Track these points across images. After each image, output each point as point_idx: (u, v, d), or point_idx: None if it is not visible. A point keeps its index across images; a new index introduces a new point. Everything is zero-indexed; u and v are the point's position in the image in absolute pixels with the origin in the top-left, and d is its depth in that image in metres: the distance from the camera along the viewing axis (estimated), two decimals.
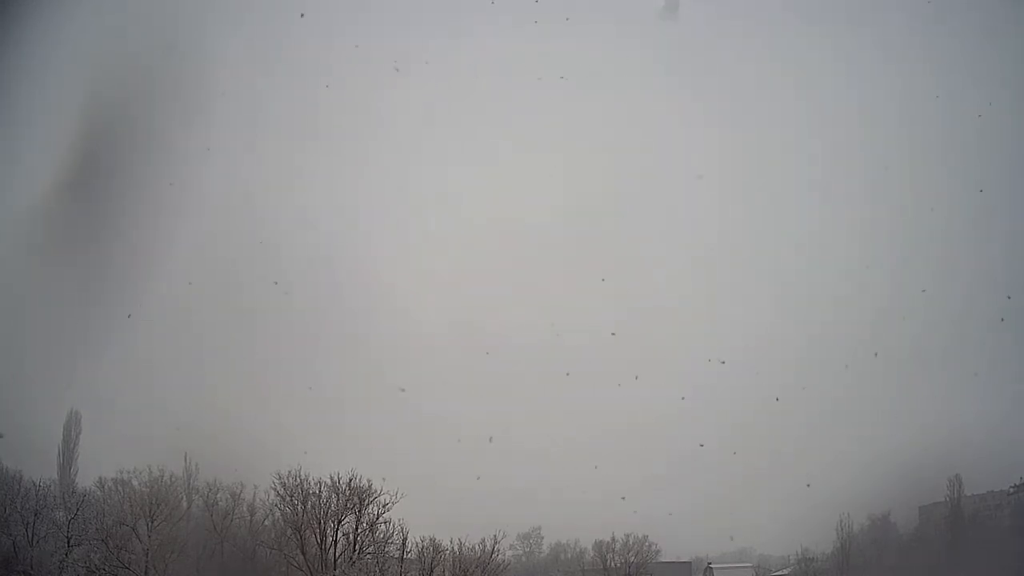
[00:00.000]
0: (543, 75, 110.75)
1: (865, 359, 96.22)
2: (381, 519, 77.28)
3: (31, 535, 73.30)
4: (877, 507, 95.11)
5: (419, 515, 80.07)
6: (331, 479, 76.56)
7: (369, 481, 76.78)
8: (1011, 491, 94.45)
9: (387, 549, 78.41)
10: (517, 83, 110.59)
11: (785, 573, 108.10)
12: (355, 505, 76.82)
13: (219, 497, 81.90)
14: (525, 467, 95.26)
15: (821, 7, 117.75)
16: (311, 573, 74.60)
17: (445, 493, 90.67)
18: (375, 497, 76.85)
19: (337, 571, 74.96)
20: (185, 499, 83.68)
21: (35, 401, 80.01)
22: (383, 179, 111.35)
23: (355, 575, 75.08)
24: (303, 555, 75.12)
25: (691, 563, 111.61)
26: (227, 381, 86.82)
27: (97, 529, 74.19)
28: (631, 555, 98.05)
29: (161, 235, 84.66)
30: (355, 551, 76.68)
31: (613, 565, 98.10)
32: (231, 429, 79.46)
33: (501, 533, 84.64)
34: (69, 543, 73.40)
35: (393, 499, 76.75)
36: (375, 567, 76.83)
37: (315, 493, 76.47)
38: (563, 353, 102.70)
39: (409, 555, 79.73)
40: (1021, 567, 77.47)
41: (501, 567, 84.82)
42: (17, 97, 79.81)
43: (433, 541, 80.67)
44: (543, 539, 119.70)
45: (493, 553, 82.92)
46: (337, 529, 76.84)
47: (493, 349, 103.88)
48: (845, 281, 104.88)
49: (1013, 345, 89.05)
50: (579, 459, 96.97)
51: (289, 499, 76.37)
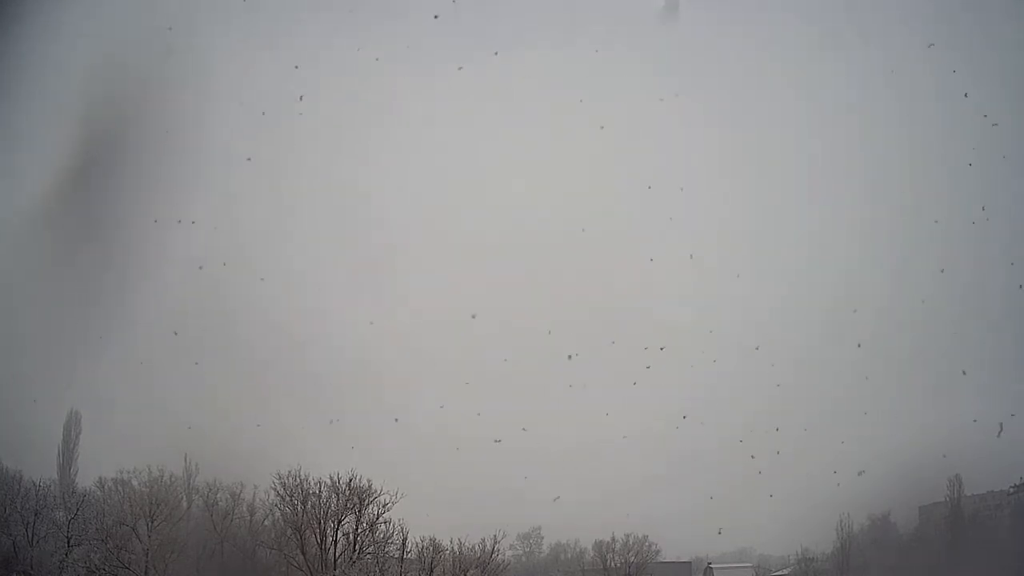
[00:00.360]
0: (543, 75, 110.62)
1: (865, 359, 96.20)
2: (381, 519, 77.52)
3: (31, 535, 73.40)
4: (877, 507, 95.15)
5: (419, 515, 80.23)
6: (331, 479, 76.76)
7: (369, 481, 76.96)
8: (1011, 491, 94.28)
9: (387, 549, 78.45)
10: (517, 83, 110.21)
11: (785, 573, 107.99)
12: (355, 505, 76.87)
13: (219, 497, 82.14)
14: (525, 467, 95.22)
15: (821, 6, 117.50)
16: (311, 573, 74.59)
17: (445, 493, 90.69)
18: (375, 497, 77.01)
19: (337, 571, 74.95)
20: (185, 499, 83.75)
21: (35, 401, 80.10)
22: (382, 179, 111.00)
23: (355, 575, 75.07)
24: (303, 555, 75.13)
25: (691, 563, 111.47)
26: (227, 381, 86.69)
27: (97, 529, 74.27)
28: (631, 555, 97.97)
29: (160, 235, 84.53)
30: (355, 551, 76.68)
31: (613, 565, 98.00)
32: (231, 429, 79.64)
33: (501, 533, 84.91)
34: (69, 543, 73.47)
35: (393, 499, 77.01)
36: (375, 567, 76.82)
37: (315, 493, 76.61)
38: (563, 353, 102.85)
39: (409, 555, 79.75)
40: (1021, 567, 77.46)
41: (501, 567, 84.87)
42: (17, 99, 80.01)
43: (433, 541, 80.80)
44: (543, 539, 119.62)
45: (493, 553, 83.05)
46: (337, 529, 76.88)
47: (492, 349, 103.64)
48: (845, 281, 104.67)
49: (1013, 345, 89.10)
50: (579, 459, 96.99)
51: (289, 499, 76.43)
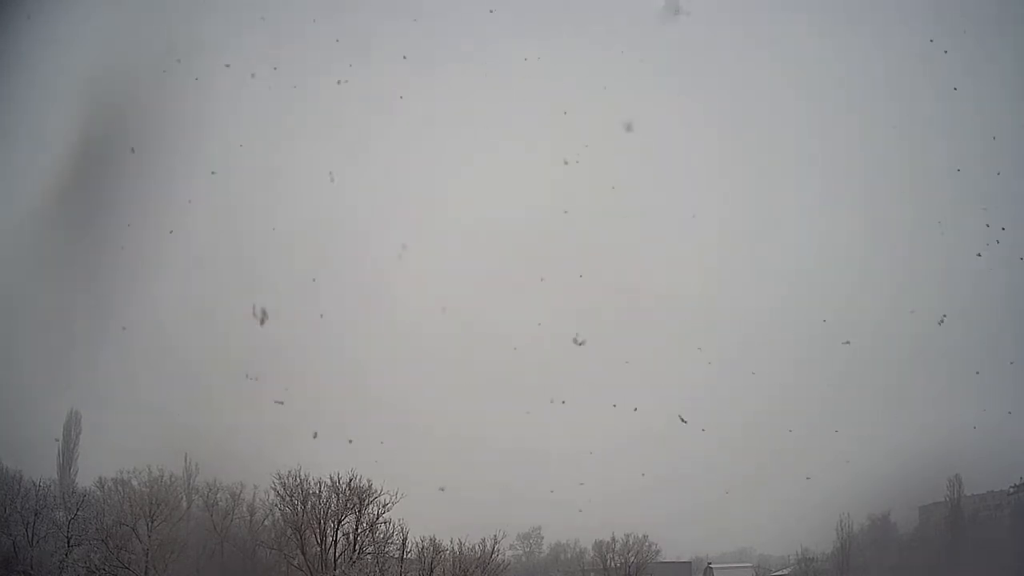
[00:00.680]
0: (544, 77, 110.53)
1: (865, 359, 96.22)
2: (381, 519, 77.51)
3: (31, 535, 73.30)
4: (877, 507, 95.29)
5: (419, 515, 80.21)
6: (331, 479, 76.72)
7: (369, 481, 76.94)
8: (1011, 491, 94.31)
9: (387, 549, 78.46)
10: (517, 84, 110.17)
11: (785, 573, 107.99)
12: (355, 505, 76.87)
13: (219, 497, 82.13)
14: (525, 467, 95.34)
15: (822, 6, 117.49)
16: (311, 573, 74.59)
17: (445, 493, 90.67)
18: (375, 497, 77.00)
19: (337, 571, 74.94)
20: (185, 499, 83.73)
21: (35, 401, 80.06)
22: (382, 180, 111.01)
23: (355, 575, 75.07)
24: (303, 555, 75.14)
25: (691, 563, 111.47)
26: (226, 381, 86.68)
27: (97, 529, 74.20)
28: (631, 555, 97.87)
29: (161, 236, 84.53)
30: (355, 551, 76.68)
31: (613, 565, 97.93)
32: (231, 429, 79.62)
33: (501, 533, 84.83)
34: (69, 543, 73.41)
35: (393, 499, 76.98)
36: (375, 567, 76.82)
37: (315, 493, 76.58)
38: (563, 355, 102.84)
39: (409, 555, 79.75)
40: (1021, 567, 77.55)
41: (501, 567, 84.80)
42: (17, 99, 80.00)
43: (433, 541, 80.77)
44: (543, 539, 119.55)
45: (493, 553, 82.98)
46: (337, 529, 76.87)
47: (492, 350, 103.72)
48: (845, 281, 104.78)
49: (1013, 345, 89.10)
50: (579, 460, 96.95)
51: (289, 499, 76.40)
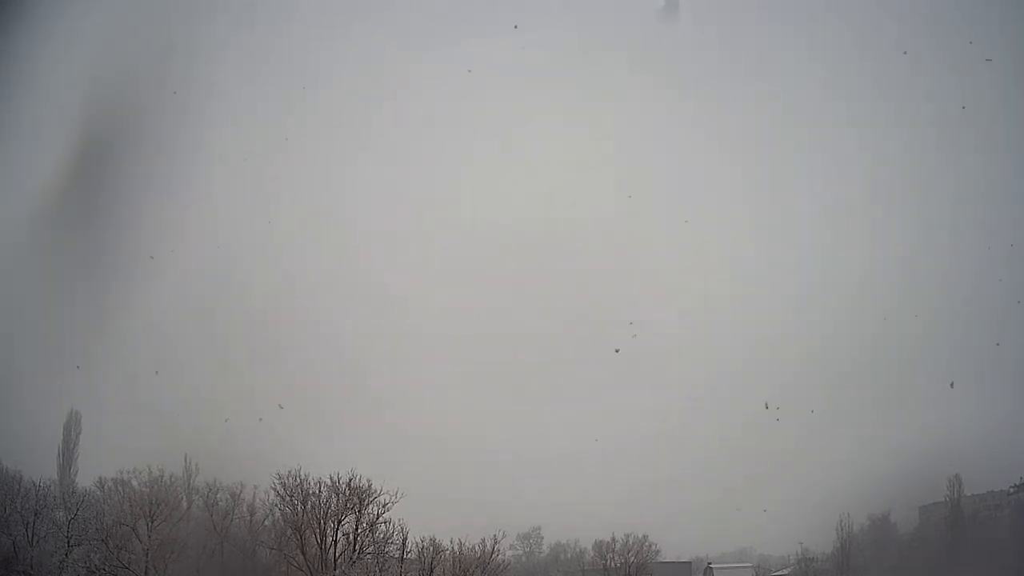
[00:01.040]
0: (543, 78, 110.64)
1: (865, 359, 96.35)
2: (381, 519, 77.48)
3: (31, 535, 73.34)
4: (877, 507, 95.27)
5: (419, 515, 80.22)
6: (331, 479, 76.70)
7: (369, 481, 76.91)
8: (1011, 491, 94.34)
9: (387, 549, 78.43)
10: (517, 84, 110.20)
11: (785, 573, 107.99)
12: (355, 505, 76.85)
13: (219, 497, 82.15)
14: (525, 467, 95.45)
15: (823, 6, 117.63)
16: (311, 573, 74.59)
17: (445, 493, 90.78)
18: (375, 497, 76.98)
19: (337, 571, 74.93)
20: (185, 499, 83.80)
21: (35, 401, 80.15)
22: (381, 180, 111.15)
23: (355, 575, 75.05)
24: (303, 555, 75.11)
25: (691, 563, 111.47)
26: (227, 382, 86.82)
27: (97, 529, 74.23)
28: (631, 555, 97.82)
29: (161, 236, 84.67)
30: (355, 551, 76.67)
31: (613, 565, 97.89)
32: (230, 429, 79.58)
33: (501, 533, 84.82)
34: (69, 543, 73.43)
35: (393, 499, 76.96)
36: (375, 567, 76.81)
37: (315, 493, 76.55)
38: (563, 355, 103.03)
39: (409, 555, 79.73)
40: (1021, 567, 77.54)
41: (501, 567, 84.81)
42: (16, 99, 80.00)
43: (433, 541, 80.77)
44: (543, 539, 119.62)
45: (493, 553, 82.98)
46: (337, 529, 76.83)
47: (492, 350, 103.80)
48: (846, 283, 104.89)
49: (1013, 346, 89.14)
50: (579, 460, 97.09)
51: (289, 499, 76.39)
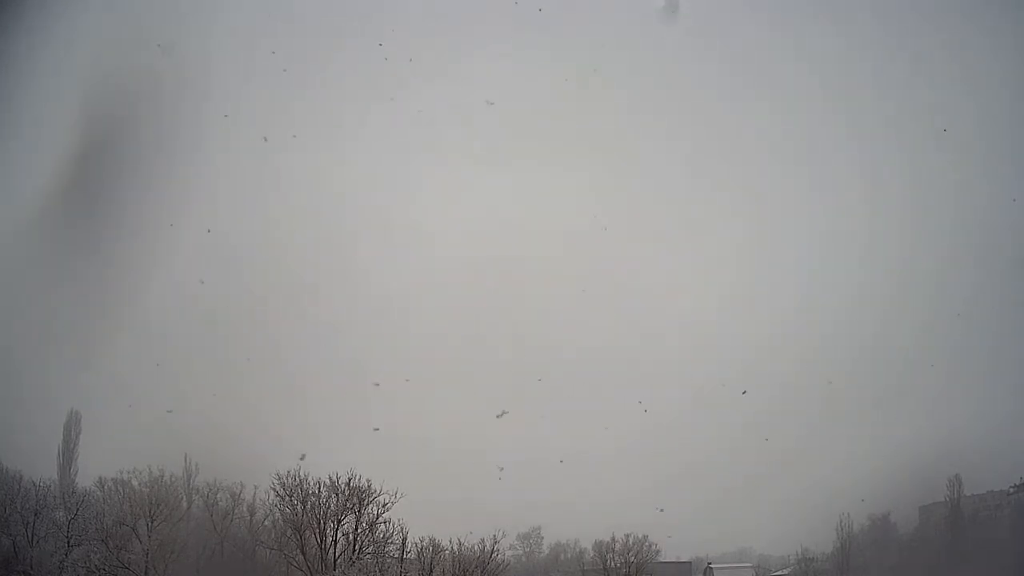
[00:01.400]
0: (544, 78, 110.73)
1: (865, 360, 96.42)
2: (381, 519, 77.53)
3: (31, 535, 73.36)
4: (877, 507, 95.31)
5: (419, 515, 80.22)
6: (330, 479, 76.75)
7: (368, 481, 76.99)
8: (1011, 491, 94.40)
9: (387, 549, 78.47)
10: (518, 85, 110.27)
11: (785, 573, 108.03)
12: (355, 505, 76.89)
13: (219, 497, 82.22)
14: (525, 467, 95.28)
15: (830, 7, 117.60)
16: (311, 573, 74.63)
17: (445, 493, 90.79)
18: (375, 497, 77.05)
19: (337, 571, 74.95)
20: (185, 499, 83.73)
21: (35, 401, 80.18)
22: (381, 181, 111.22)
23: (355, 575, 75.08)
24: (303, 555, 75.16)
25: (691, 563, 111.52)
26: (226, 382, 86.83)
27: (97, 529, 74.23)
28: (631, 555, 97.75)
29: (159, 236, 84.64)
30: (355, 551, 76.70)
31: (613, 565, 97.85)
32: (230, 429, 79.62)
33: (501, 533, 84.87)
34: (69, 543, 73.47)
35: (393, 499, 77.04)
36: (375, 567, 76.83)
37: (315, 493, 76.60)
38: (563, 356, 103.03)
39: (409, 555, 79.75)
40: (1021, 567, 77.47)
41: (501, 567, 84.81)
42: (16, 99, 79.98)
43: (433, 541, 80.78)
44: (543, 539, 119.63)
45: (493, 553, 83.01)
46: (337, 529, 76.90)
47: (492, 351, 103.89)
48: (846, 283, 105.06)
49: (1013, 346, 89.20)
50: (579, 460, 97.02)
51: (289, 499, 76.44)
